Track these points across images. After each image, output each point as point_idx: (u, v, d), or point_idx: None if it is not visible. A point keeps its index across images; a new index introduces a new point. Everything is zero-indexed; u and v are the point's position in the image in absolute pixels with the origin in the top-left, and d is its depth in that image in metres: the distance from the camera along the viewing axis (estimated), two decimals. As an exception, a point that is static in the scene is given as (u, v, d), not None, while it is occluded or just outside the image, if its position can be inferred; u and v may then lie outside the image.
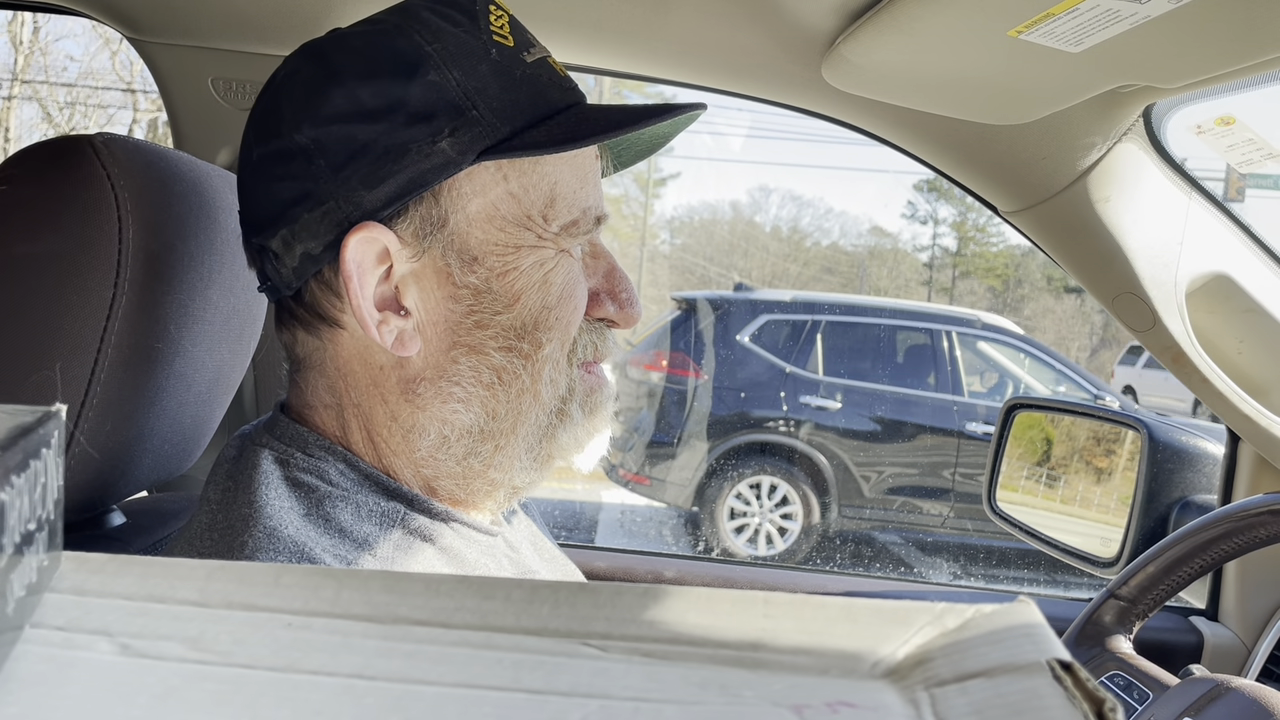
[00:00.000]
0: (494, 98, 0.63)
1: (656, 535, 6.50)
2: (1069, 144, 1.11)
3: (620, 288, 0.72)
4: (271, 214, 0.64)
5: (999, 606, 0.23)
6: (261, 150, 0.64)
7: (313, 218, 0.62)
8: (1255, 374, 1.29)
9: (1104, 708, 0.19)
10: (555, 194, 0.66)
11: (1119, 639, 1.13)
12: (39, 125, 13.76)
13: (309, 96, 0.63)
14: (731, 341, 6.18)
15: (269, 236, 0.64)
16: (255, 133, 0.66)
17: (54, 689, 0.21)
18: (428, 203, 0.63)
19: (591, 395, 0.71)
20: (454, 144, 0.62)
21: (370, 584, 0.24)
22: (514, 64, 0.64)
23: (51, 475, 0.25)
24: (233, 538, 0.59)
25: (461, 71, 0.62)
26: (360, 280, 0.62)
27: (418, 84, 0.62)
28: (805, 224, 21.14)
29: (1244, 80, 0.90)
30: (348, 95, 0.62)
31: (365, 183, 0.61)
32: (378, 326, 0.63)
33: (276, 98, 0.65)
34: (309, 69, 0.65)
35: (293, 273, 0.64)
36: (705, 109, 0.68)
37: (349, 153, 0.61)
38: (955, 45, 0.89)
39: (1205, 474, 1.44)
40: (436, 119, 0.61)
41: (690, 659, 0.22)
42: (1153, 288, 1.20)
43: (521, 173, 0.65)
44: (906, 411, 6.13)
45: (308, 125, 0.62)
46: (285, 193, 0.63)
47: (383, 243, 0.63)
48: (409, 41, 0.62)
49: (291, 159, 0.62)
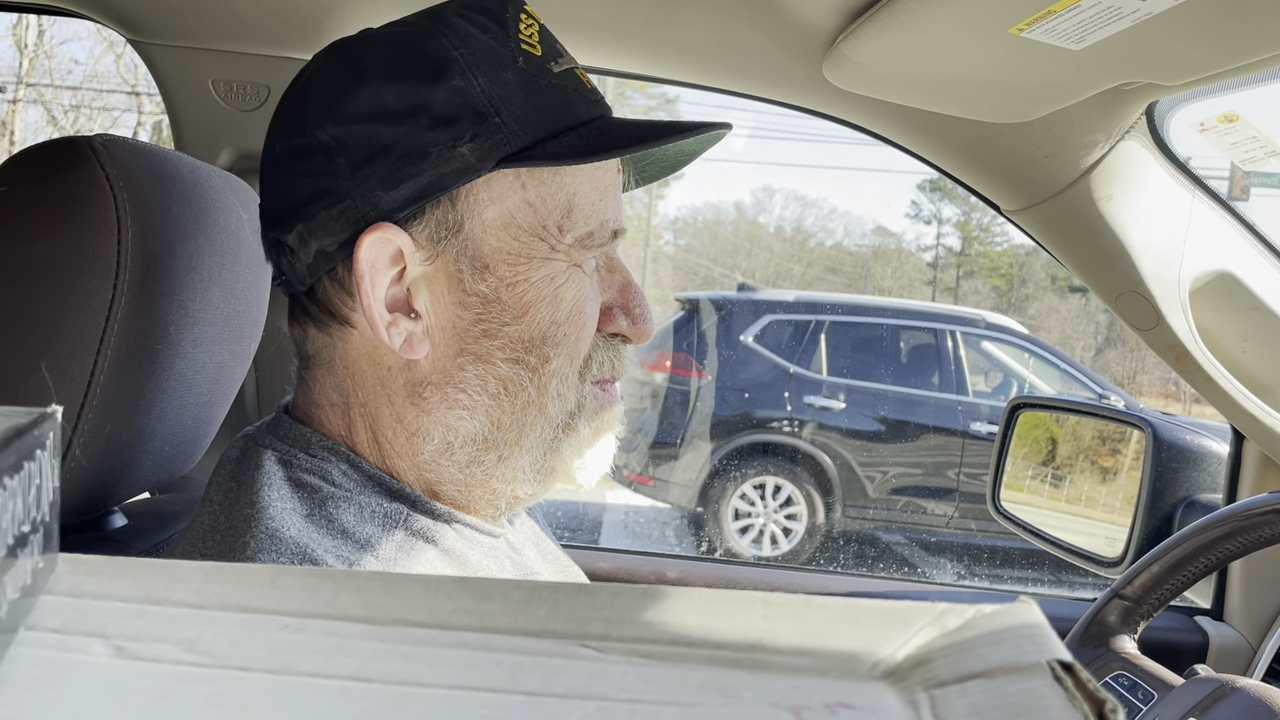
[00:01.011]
0: (518, 106, 0.63)
1: (660, 536, 6.50)
2: (1071, 142, 1.11)
3: (634, 303, 0.72)
4: (290, 209, 0.64)
5: (1000, 607, 0.23)
6: (284, 145, 0.65)
7: (329, 215, 0.62)
8: (1260, 372, 1.29)
9: (1105, 709, 0.19)
10: (573, 205, 0.66)
11: (1123, 639, 1.12)
12: (44, 128, 13.80)
13: (334, 94, 0.63)
14: (735, 342, 6.18)
15: (286, 231, 0.64)
16: (279, 128, 0.66)
17: (49, 691, 0.21)
18: (444, 207, 0.63)
19: (601, 413, 0.71)
20: (474, 150, 0.62)
21: (367, 585, 0.24)
22: (540, 73, 0.64)
23: (46, 477, 0.25)
24: (234, 539, 0.59)
25: (487, 78, 0.62)
26: (372, 280, 0.62)
27: (442, 88, 0.62)
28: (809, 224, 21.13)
29: (1247, 77, 0.90)
30: (372, 95, 0.62)
31: (383, 183, 0.62)
32: (387, 328, 0.63)
33: (302, 94, 0.66)
34: (336, 67, 0.65)
35: (307, 269, 0.64)
36: (730, 128, 0.68)
37: (369, 152, 0.61)
38: (957, 43, 0.89)
39: (1210, 473, 1.43)
40: (458, 124, 0.61)
41: (689, 660, 0.22)
42: (1156, 286, 1.20)
43: (540, 182, 0.65)
44: (911, 411, 6.13)
45: (330, 123, 0.62)
46: (304, 189, 0.63)
47: (397, 244, 0.63)
48: (436, 45, 0.63)
49: (313, 156, 0.63)
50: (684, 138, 0.66)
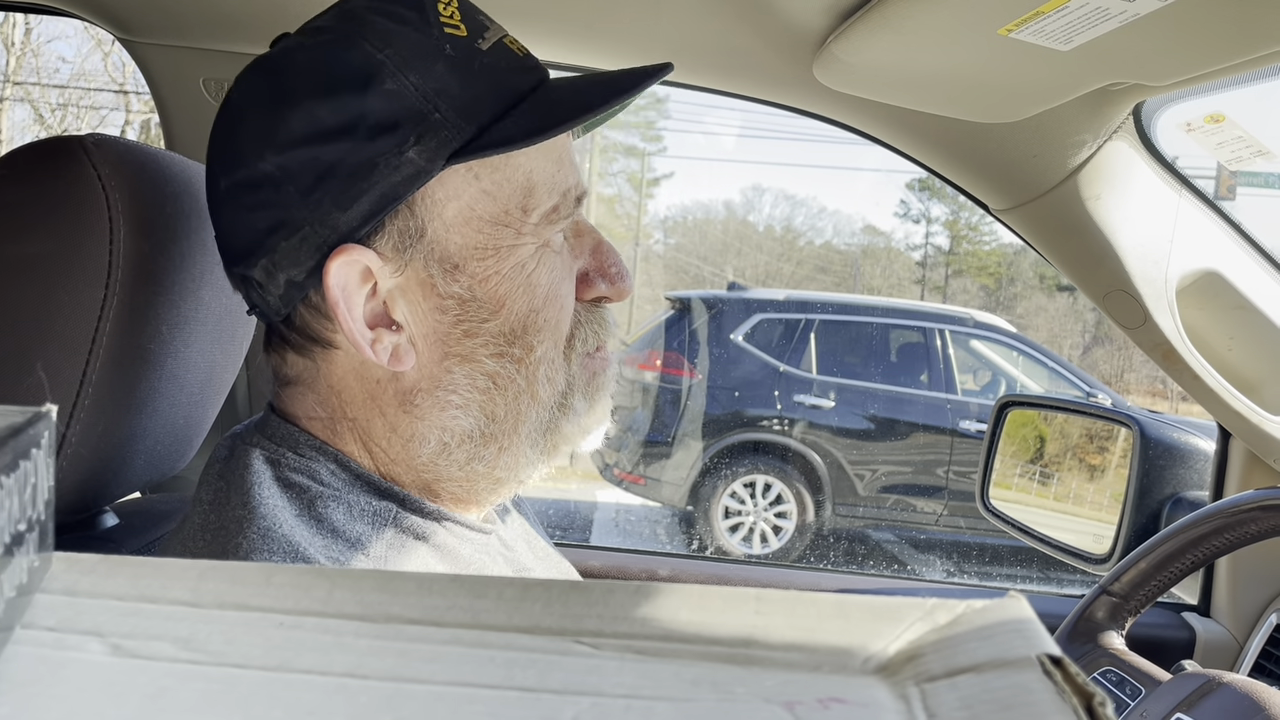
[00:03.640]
0: (455, 97, 0.60)
1: (651, 534, 6.50)
2: (1059, 142, 1.11)
3: (609, 262, 0.71)
4: (249, 244, 0.62)
5: (989, 602, 0.23)
6: (227, 181, 0.63)
7: (290, 245, 0.61)
8: (1246, 370, 1.30)
9: (1093, 702, 0.19)
10: (532, 183, 0.64)
11: (1112, 635, 1.13)
12: (31, 127, 13.71)
13: (266, 122, 0.61)
14: (725, 340, 6.18)
15: (250, 267, 0.62)
16: (218, 164, 0.64)
17: (44, 689, 0.21)
18: (403, 215, 0.62)
19: (593, 380, 0.71)
20: (421, 152, 0.60)
21: (362, 583, 0.24)
22: (470, 56, 0.62)
23: (42, 476, 0.25)
24: (227, 539, 0.59)
25: (418, 75, 0.60)
26: (348, 303, 0.61)
27: (375, 95, 0.59)
28: (798, 223, 21.15)
29: (1233, 78, 0.91)
30: (305, 116, 0.60)
31: (338, 204, 0.60)
32: (371, 345, 0.62)
33: (233, 125, 0.63)
34: (262, 91, 0.63)
35: (280, 300, 0.63)
36: (670, 69, 0.66)
37: (316, 175, 0.59)
38: (946, 44, 0.89)
39: (1197, 470, 1.44)
40: (400, 129, 0.59)
41: (682, 656, 0.22)
42: (1143, 285, 1.21)
43: (494, 169, 0.63)
44: (900, 410, 6.15)
45: (270, 152, 0.60)
46: (260, 222, 0.61)
47: (364, 262, 0.61)
48: (359, 51, 0.60)
49: (259, 188, 0.60)
50: (632, 95, 0.64)
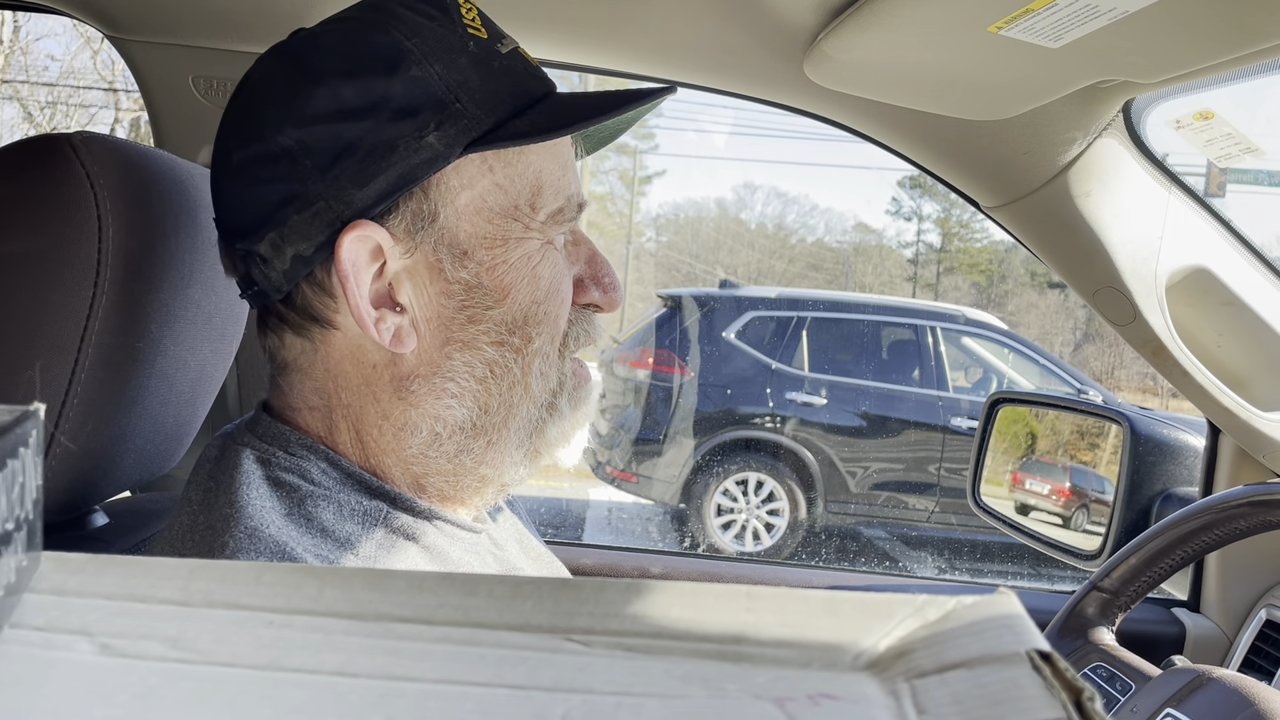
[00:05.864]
0: (476, 90, 0.63)
1: (643, 532, 6.50)
2: (1049, 139, 1.12)
3: (603, 272, 0.73)
4: (257, 218, 0.63)
5: (979, 598, 0.23)
6: (242, 154, 0.63)
7: (302, 219, 0.62)
8: (1234, 366, 1.30)
9: (1082, 697, 0.19)
10: (540, 183, 0.67)
11: (1102, 630, 1.14)
12: (20, 125, 13.64)
13: (290, 97, 0.62)
14: (717, 338, 6.18)
15: (255, 241, 0.63)
16: (234, 138, 0.65)
17: (33, 689, 0.21)
18: (418, 198, 0.63)
19: (579, 389, 0.72)
20: (440, 138, 0.62)
21: (352, 581, 0.24)
22: (491, 56, 0.65)
23: (30, 475, 0.25)
24: (214, 538, 0.59)
25: (442, 65, 0.62)
26: (356, 279, 0.62)
27: (400, 79, 0.61)
28: (790, 221, 21.17)
29: (1222, 75, 0.91)
30: (330, 94, 0.61)
31: (355, 181, 0.61)
32: (375, 324, 0.63)
33: (254, 100, 0.64)
34: (285, 70, 0.64)
35: (283, 275, 0.64)
36: (675, 91, 0.69)
37: (336, 152, 0.61)
38: (936, 41, 0.89)
39: (1187, 466, 1.45)
40: (421, 114, 0.61)
41: (673, 653, 0.22)
42: (1133, 282, 1.21)
43: (507, 163, 0.65)
44: (891, 407, 6.16)
45: (291, 126, 0.61)
46: (271, 195, 0.62)
47: (375, 240, 0.62)
48: (387, 37, 0.62)
49: (276, 161, 0.62)
50: (638, 105, 0.67)
